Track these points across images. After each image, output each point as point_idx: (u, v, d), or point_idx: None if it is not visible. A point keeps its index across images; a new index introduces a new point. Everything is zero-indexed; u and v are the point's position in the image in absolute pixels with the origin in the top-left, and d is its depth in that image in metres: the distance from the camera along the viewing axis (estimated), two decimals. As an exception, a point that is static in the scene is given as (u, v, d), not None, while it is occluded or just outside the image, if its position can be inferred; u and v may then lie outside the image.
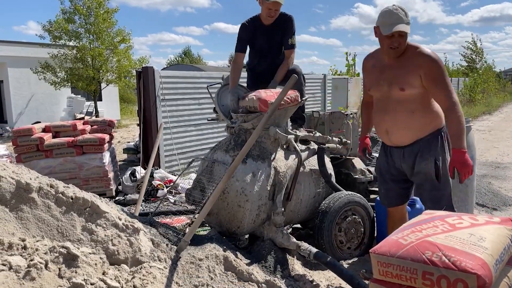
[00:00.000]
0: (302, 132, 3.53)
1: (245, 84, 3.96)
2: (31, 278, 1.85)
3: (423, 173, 2.68)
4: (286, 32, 3.74)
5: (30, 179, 2.21)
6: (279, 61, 3.84)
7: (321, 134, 3.67)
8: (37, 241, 2.04)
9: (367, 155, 3.23)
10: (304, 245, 2.95)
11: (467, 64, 28.95)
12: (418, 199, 3.47)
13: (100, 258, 2.22)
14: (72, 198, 2.29)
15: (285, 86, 2.88)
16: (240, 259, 2.84)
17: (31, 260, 1.89)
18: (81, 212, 2.31)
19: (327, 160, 3.52)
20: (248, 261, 2.91)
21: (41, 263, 1.91)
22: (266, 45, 3.80)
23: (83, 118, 13.15)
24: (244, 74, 3.89)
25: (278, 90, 3.36)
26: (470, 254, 1.45)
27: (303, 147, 3.47)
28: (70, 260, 2.06)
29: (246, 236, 3.59)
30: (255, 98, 3.26)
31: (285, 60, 3.75)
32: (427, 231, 1.58)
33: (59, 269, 2.00)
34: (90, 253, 2.18)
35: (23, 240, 1.99)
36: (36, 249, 1.97)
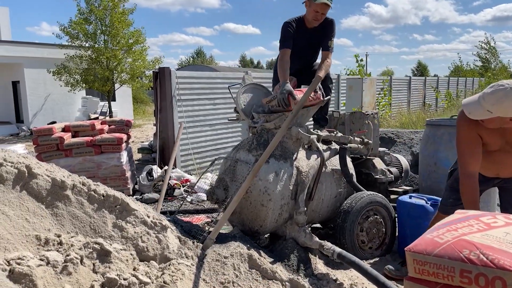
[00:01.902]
0: (324, 132, 3.54)
1: (265, 84, 3.99)
2: (68, 273, 1.90)
3: None
4: (326, 35, 3.69)
5: (64, 176, 2.26)
6: (312, 61, 3.84)
7: (342, 134, 3.68)
8: (71, 237, 2.09)
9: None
10: (328, 244, 2.96)
11: (481, 64, 28.62)
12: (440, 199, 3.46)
13: (131, 254, 2.26)
14: (103, 196, 2.34)
15: (310, 85, 2.90)
16: (264, 258, 2.86)
17: (67, 256, 1.94)
18: (112, 209, 2.36)
19: (348, 160, 3.53)
20: (272, 259, 2.93)
21: (76, 258, 1.96)
22: (306, 47, 3.77)
23: (97, 118, 13.32)
24: (267, 74, 3.90)
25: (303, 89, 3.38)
26: (508, 252, 1.46)
27: (325, 147, 3.48)
28: (103, 256, 2.11)
29: (266, 236, 3.61)
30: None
31: (324, 60, 3.64)
32: (463, 230, 1.59)
33: (93, 264, 2.04)
34: (121, 249, 2.22)
35: (59, 236, 2.04)
36: (71, 245, 2.02)
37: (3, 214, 1.96)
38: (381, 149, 4.21)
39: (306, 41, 3.75)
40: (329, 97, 3.65)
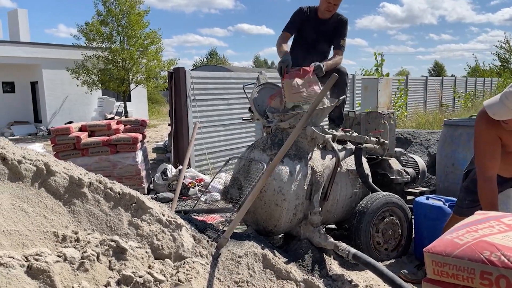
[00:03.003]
0: (339, 132, 3.51)
1: (280, 84, 3.97)
2: (85, 269, 1.92)
3: None
4: (338, 33, 3.74)
5: (81, 174, 2.29)
6: (320, 59, 3.83)
7: (358, 134, 3.64)
8: (88, 234, 2.12)
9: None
10: (343, 245, 2.93)
11: (500, 64, 28.02)
12: (459, 200, 3.39)
13: (146, 252, 2.28)
14: (119, 194, 2.36)
15: (326, 84, 2.87)
16: (278, 257, 2.85)
17: (84, 252, 1.96)
18: (128, 207, 2.37)
19: (363, 160, 3.49)
20: (286, 259, 2.92)
21: (93, 255, 1.98)
22: (313, 37, 3.79)
23: (113, 118, 13.50)
24: (276, 74, 3.89)
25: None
26: (530, 254, 1.42)
27: (340, 147, 3.45)
28: (119, 253, 2.12)
29: (281, 236, 3.60)
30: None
31: (334, 56, 3.74)
32: (483, 231, 1.55)
33: (109, 261, 2.06)
34: (136, 247, 2.24)
35: (76, 233, 2.07)
36: (88, 242, 2.04)
37: (22, 211, 1.99)
38: (397, 149, 4.15)
39: (316, 32, 3.77)
40: (344, 96, 3.62)
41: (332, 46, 3.81)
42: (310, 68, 3.41)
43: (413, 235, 3.52)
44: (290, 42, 3.91)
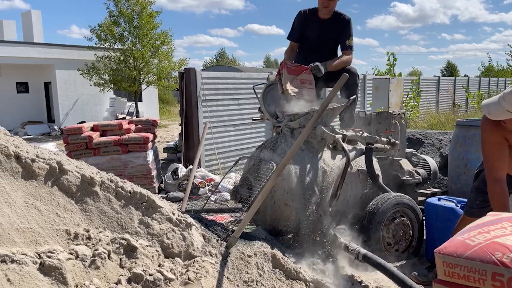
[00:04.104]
0: (349, 132, 3.49)
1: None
2: (96, 267, 1.95)
3: None
4: (342, 33, 3.72)
5: (92, 173, 2.32)
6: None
7: (368, 134, 3.62)
8: (99, 232, 2.14)
9: None
10: (353, 245, 2.92)
11: (514, 64, 27.58)
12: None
13: (156, 250, 2.30)
14: (130, 193, 2.38)
15: (336, 84, 2.86)
16: (288, 257, 2.85)
17: (96, 250, 1.99)
18: (138, 206, 2.40)
19: (374, 160, 3.47)
20: (295, 259, 2.92)
21: (104, 253, 2.00)
22: (317, 39, 3.79)
23: (124, 118, 13.63)
24: None
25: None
26: (544, 256, 1.39)
27: (350, 147, 3.44)
28: (130, 251, 2.15)
29: (290, 235, 3.59)
30: None
31: (343, 56, 3.75)
32: (495, 232, 1.53)
33: (120, 259, 2.09)
34: (147, 246, 2.26)
35: (88, 231, 2.10)
36: (99, 240, 2.07)
37: (35, 209, 2.02)
38: (408, 150, 4.12)
39: (318, 33, 3.77)
40: (355, 96, 3.60)
41: (339, 47, 3.81)
42: (307, 67, 3.46)
43: (424, 237, 3.48)
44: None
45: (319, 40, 3.78)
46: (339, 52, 3.87)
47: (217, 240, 2.69)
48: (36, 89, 17.74)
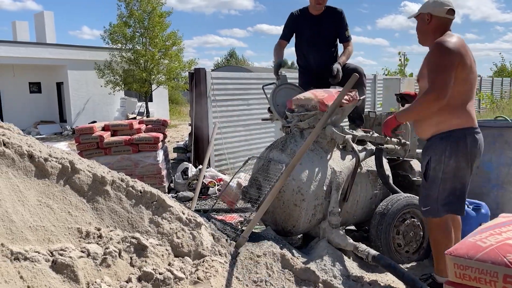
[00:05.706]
0: (359, 132, 3.48)
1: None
2: (107, 265, 1.97)
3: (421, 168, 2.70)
4: (339, 25, 3.86)
5: (104, 172, 2.34)
6: (327, 57, 3.85)
7: (378, 135, 3.59)
8: (110, 231, 2.17)
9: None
10: (362, 246, 2.91)
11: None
12: (483, 203, 3.32)
13: (166, 249, 2.32)
14: (140, 192, 2.40)
15: (346, 84, 2.85)
16: (297, 258, 2.85)
17: (107, 248, 2.01)
18: (149, 205, 2.42)
19: (384, 161, 3.45)
20: (305, 260, 2.91)
21: (115, 251, 2.02)
22: (313, 35, 3.87)
23: (135, 118, 13.74)
24: (295, 75, 3.94)
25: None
26: (557, 259, 1.37)
27: (360, 147, 3.42)
28: (140, 250, 2.17)
29: (299, 236, 3.59)
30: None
31: (345, 48, 3.88)
32: (507, 234, 1.52)
33: (131, 258, 2.11)
34: (157, 245, 2.28)
35: (99, 230, 2.12)
36: (110, 238, 2.09)
37: (48, 207, 2.05)
38: (418, 150, 4.07)
39: (314, 29, 3.86)
40: (364, 96, 3.59)
41: (338, 40, 3.94)
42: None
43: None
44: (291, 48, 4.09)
45: (316, 36, 3.88)
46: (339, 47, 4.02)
47: (227, 240, 2.70)
48: (49, 89, 17.98)
